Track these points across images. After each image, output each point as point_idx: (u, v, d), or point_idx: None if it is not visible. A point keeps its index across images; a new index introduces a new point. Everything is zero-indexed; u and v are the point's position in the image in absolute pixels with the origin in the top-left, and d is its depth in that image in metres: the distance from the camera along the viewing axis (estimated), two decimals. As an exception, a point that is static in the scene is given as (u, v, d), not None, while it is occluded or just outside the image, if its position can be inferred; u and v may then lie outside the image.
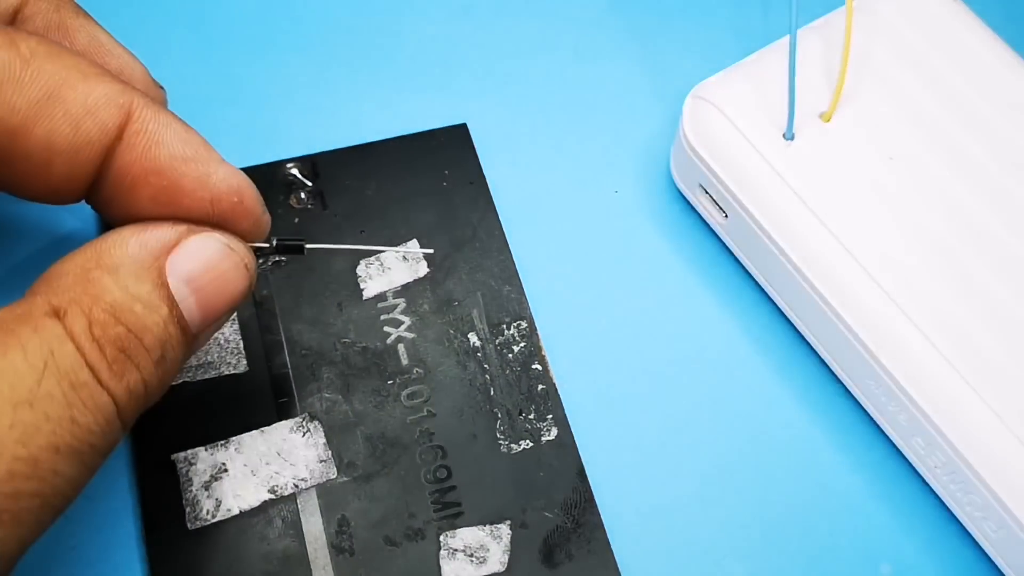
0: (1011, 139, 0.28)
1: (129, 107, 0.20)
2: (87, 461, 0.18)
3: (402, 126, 0.31)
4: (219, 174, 0.21)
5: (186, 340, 0.20)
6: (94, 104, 0.20)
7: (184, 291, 0.20)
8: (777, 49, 0.29)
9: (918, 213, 0.26)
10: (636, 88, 0.33)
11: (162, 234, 0.20)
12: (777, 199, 0.27)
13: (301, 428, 0.26)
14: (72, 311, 0.18)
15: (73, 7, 0.24)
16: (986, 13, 0.30)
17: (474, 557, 0.24)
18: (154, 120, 0.20)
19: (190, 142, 0.21)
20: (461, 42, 0.33)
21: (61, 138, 0.20)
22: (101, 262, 0.19)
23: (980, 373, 0.24)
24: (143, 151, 0.20)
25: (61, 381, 0.18)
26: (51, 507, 0.18)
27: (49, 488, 0.18)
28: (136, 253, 0.20)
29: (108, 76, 0.20)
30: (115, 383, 0.19)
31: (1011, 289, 0.25)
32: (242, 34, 0.32)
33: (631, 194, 0.31)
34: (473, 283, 0.28)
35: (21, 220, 0.28)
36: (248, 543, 0.24)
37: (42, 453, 0.17)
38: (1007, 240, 0.26)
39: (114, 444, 0.19)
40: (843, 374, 0.27)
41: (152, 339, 0.19)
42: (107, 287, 0.19)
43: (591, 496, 0.25)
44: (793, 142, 0.27)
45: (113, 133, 0.20)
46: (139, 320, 0.19)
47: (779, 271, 0.27)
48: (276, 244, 0.23)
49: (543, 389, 0.27)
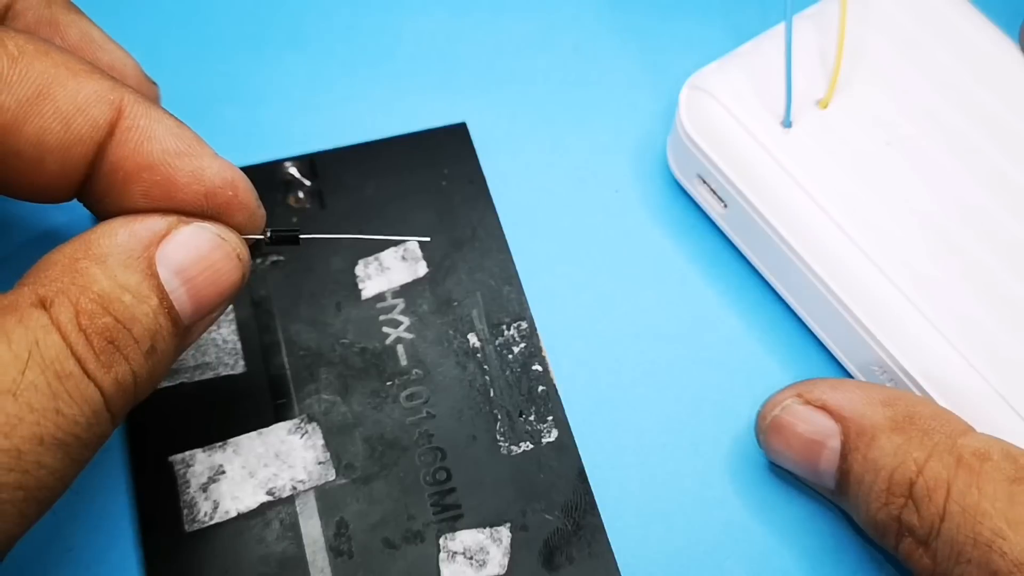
0: (1007, 123, 0.28)
1: (120, 103, 0.20)
2: (73, 454, 0.18)
3: (401, 125, 0.30)
4: (212, 168, 0.21)
5: (177, 332, 0.20)
6: (84, 101, 0.19)
7: (174, 282, 0.20)
8: (772, 37, 0.29)
9: (916, 198, 0.26)
10: (632, 82, 0.32)
11: (152, 224, 0.20)
12: (776, 187, 0.27)
13: (299, 429, 0.25)
14: (59, 301, 0.18)
15: (64, 3, 0.24)
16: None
17: (474, 560, 0.24)
18: (145, 116, 0.20)
19: (182, 137, 0.20)
20: (460, 41, 0.33)
21: (52, 136, 0.19)
22: (89, 252, 0.19)
23: (982, 352, 0.24)
24: (135, 147, 0.20)
25: (46, 371, 0.17)
26: (36, 501, 0.18)
27: (33, 481, 0.17)
28: (125, 243, 0.19)
29: (98, 73, 0.20)
30: (102, 374, 0.18)
31: (1013, 272, 0.25)
32: (240, 32, 0.32)
33: (630, 189, 0.31)
34: (473, 283, 0.28)
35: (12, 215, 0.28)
36: (246, 545, 0.24)
37: (25, 444, 0.17)
38: (1006, 223, 0.26)
39: (102, 437, 0.19)
40: (848, 363, 0.27)
41: (141, 330, 0.19)
42: (95, 277, 0.19)
43: (592, 498, 0.25)
44: (791, 130, 0.27)
45: (104, 130, 0.20)
46: (128, 310, 0.19)
47: (780, 259, 0.27)
48: (271, 235, 0.22)
49: (543, 390, 0.27)
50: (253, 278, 0.27)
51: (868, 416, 0.23)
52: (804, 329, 0.28)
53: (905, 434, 0.22)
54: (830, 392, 0.24)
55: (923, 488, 0.22)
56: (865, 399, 0.23)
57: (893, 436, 0.23)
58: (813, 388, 0.24)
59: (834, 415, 0.24)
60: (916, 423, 0.23)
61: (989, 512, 0.21)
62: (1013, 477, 0.21)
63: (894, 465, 0.22)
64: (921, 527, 0.22)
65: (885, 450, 0.22)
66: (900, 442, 0.22)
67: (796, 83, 0.27)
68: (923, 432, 0.22)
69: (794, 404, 0.24)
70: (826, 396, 0.24)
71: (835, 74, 0.28)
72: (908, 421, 0.23)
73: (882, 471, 0.22)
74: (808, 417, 0.24)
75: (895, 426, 0.23)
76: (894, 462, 0.22)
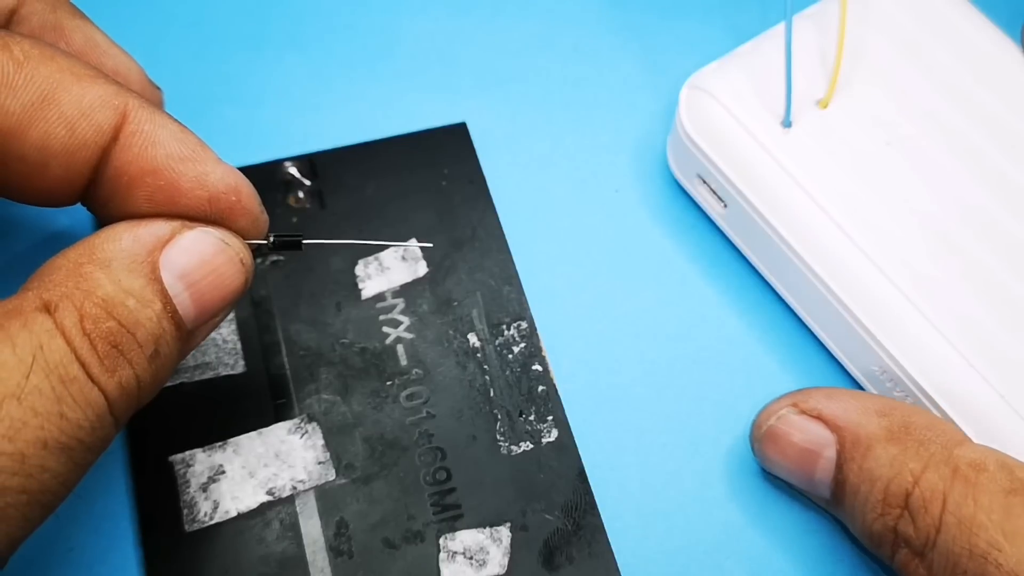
0: (1007, 123, 0.28)
1: (124, 108, 0.20)
2: (77, 458, 0.18)
3: (401, 125, 0.30)
4: (216, 173, 0.21)
5: (181, 336, 0.20)
6: (89, 106, 0.20)
7: (178, 286, 0.20)
8: (772, 37, 0.29)
9: (917, 198, 0.26)
10: (632, 82, 0.32)
11: (156, 229, 0.20)
12: (776, 187, 0.27)
13: (299, 429, 0.25)
14: (63, 305, 0.18)
15: (69, 8, 0.24)
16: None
17: (474, 560, 0.24)
18: (149, 121, 0.20)
19: (186, 142, 0.21)
20: (460, 41, 0.33)
21: (56, 141, 0.19)
22: (94, 257, 0.19)
23: (982, 353, 0.24)
24: (139, 151, 0.20)
25: (50, 375, 0.17)
26: (39, 504, 0.18)
27: (37, 485, 0.17)
28: (129, 247, 0.19)
29: (103, 78, 0.20)
30: (106, 378, 0.18)
31: (1013, 272, 0.25)
32: (240, 32, 0.32)
33: (629, 188, 0.31)
34: (472, 283, 0.28)
35: (16, 219, 0.28)
36: (246, 545, 0.24)
37: (29, 448, 0.17)
38: (1006, 223, 0.26)
39: (106, 441, 0.19)
40: (848, 363, 0.27)
41: (145, 334, 0.19)
42: (99, 281, 0.19)
43: (592, 498, 0.25)
44: (791, 130, 0.27)
45: (108, 134, 0.20)
46: (132, 315, 0.19)
47: (780, 259, 0.27)
48: (273, 240, 0.22)
49: (543, 390, 0.27)
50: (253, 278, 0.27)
51: (864, 426, 0.23)
52: (804, 329, 0.28)
53: (901, 444, 0.22)
54: (825, 401, 0.24)
55: (919, 499, 0.22)
56: (861, 409, 0.23)
57: (889, 446, 0.22)
58: (808, 398, 0.24)
59: (829, 425, 0.24)
60: (912, 433, 0.23)
61: (985, 524, 0.21)
62: (1009, 488, 0.21)
63: (890, 476, 0.22)
64: (917, 538, 0.22)
65: (881, 460, 0.22)
66: (896, 452, 0.22)
67: (796, 83, 0.27)
68: (919, 443, 0.22)
69: (789, 414, 0.24)
70: (821, 406, 0.24)
71: (835, 74, 0.28)
72: (904, 431, 0.23)
73: (878, 482, 0.22)
74: (804, 427, 0.24)
75: (891, 436, 0.23)
76: (890, 473, 0.22)
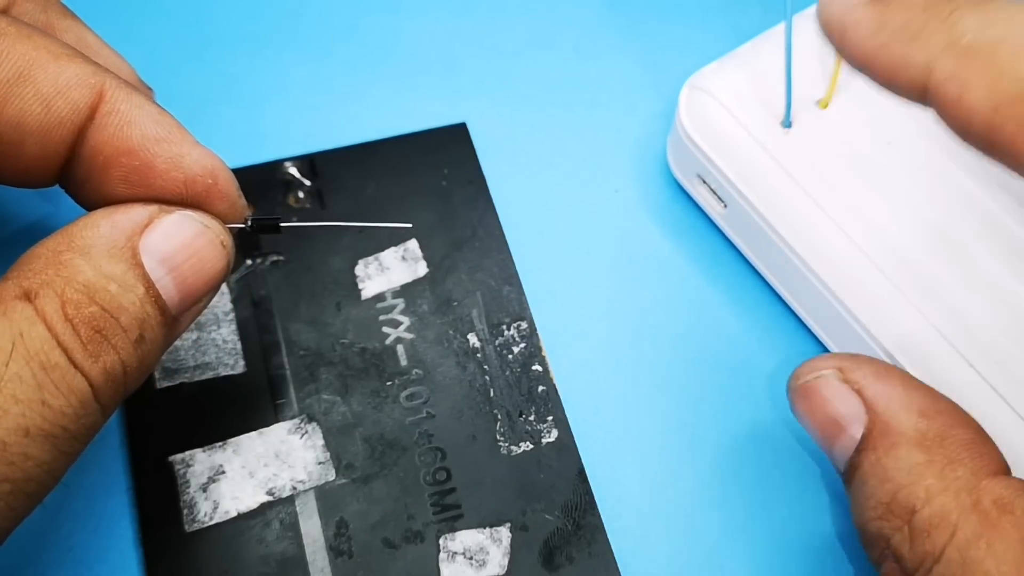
0: None
1: (101, 87, 0.20)
2: (61, 446, 0.18)
3: (401, 125, 0.30)
4: (192, 155, 0.20)
5: (165, 321, 0.20)
6: (65, 84, 0.19)
7: (160, 271, 0.20)
8: (772, 37, 0.29)
9: (917, 198, 0.26)
10: (632, 82, 0.32)
11: (133, 214, 0.20)
12: (776, 187, 0.27)
13: (299, 429, 0.25)
14: (44, 293, 0.18)
15: (60, 8, 0.24)
16: None
17: (474, 560, 0.24)
18: (126, 101, 0.20)
19: (163, 123, 0.20)
20: (460, 41, 0.33)
21: (32, 118, 0.19)
22: (73, 244, 0.19)
23: (982, 352, 0.24)
24: (115, 131, 0.20)
25: (31, 362, 0.17)
26: (23, 493, 0.17)
27: (20, 473, 0.17)
28: (108, 234, 0.19)
29: (80, 57, 0.20)
30: (90, 364, 0.18)
31: (1013, 272, 0.25)
32: (240, 32, 0.32)
33: (629, 189, 0.31)
34: (472, 283, 0.28)
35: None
36: (246, 545, 0.24)
37: (10, 436, 0.17)
38: (1007, 223, 0.26)
39: (93, 429, 0.19)
40: None
41: (129, 318, 0.19)
42: (80, 268, 0.19)
43: (592, 498, 0.25)
44: (791, 130, 0.27)
45: (85, 113, 0.20)
46: (114, 299, 0.19)
47: (780, 259, 0.27)
48: (252, 223, 0.22)
49: (543, 390, 0.26)
50: (253, 278, 0.27)
51: (899, 420, 0.21)
52: (804, 329, 0.28)
53: (928, 454, 0.20)
54: (872, 379, 0.22)
55: (924, 520, 0.20)
56: (904, 400, 0.21)
57: (915, 451, 0.20)
58: (857, 368, 0.22)
59: (867, 404, 0.22)
60: (946, 447, 0.20)
61: (992, 574, 0.18)
62: None
63: (903, 483, 0.20)
64: (910, 560, 0.20)
65: (900, 463, 0.20)
66: (919, 461, 0.20)
67: (796, 83, 0.27)
68: (948, 459, 0.20)
69: (832, 377, 0.22)
70: (866, 382, 0.22)
71: (835, 74, 0.28)
72: (938, 441, 0.20)
73: (888, 483, 0.20)
74: (839, 396, 0.22)
75: (922, 441, 0.21)
76: (905, 480, 0.20)
